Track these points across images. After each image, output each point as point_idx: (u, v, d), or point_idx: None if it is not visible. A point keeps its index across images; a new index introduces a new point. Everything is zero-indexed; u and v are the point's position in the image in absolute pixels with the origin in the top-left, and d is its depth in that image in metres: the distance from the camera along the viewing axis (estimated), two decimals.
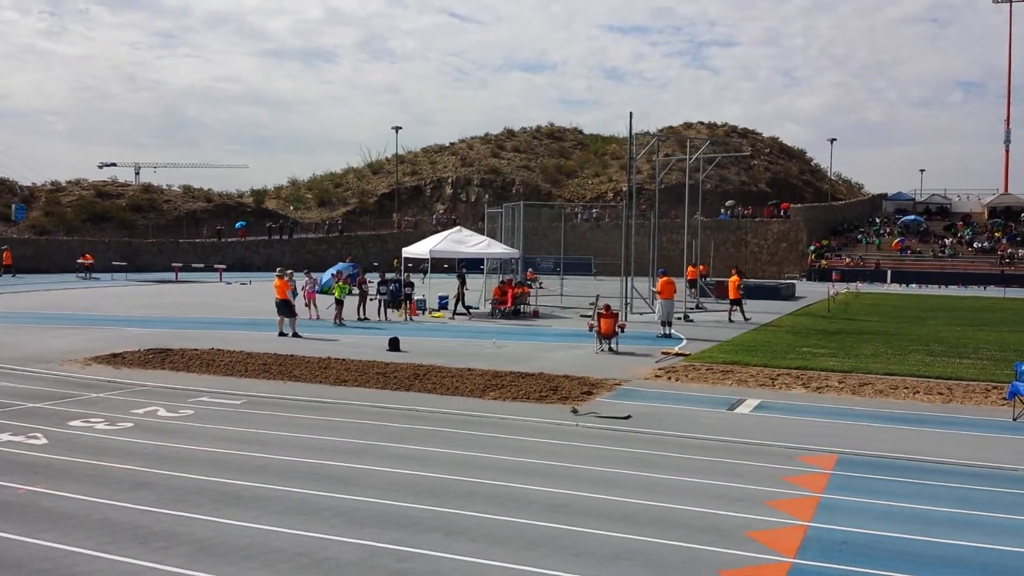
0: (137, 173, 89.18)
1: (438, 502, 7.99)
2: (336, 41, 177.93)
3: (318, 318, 25.48)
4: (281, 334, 21.12)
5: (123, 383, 14.30)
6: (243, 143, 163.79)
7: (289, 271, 24.37)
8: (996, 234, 64.16)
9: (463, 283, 28.84)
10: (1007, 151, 77.91)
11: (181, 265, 50.61)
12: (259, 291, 36.28)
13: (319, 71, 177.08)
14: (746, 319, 27.08)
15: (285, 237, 64.28)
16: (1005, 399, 12.88)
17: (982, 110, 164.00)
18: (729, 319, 27.26)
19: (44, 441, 10.16)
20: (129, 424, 11.22)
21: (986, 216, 69.13)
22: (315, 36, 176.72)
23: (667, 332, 22.95)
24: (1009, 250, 60.80)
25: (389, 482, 8.66)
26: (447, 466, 9.30)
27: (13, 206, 60.53)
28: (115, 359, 16.69)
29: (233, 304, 31.53)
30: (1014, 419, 12.15)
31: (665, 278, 23.76)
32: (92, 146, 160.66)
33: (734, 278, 28.42)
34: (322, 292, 27.59)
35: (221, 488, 8.35)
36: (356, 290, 27.14)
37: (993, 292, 48.86)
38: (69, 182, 71.32)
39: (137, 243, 58.98)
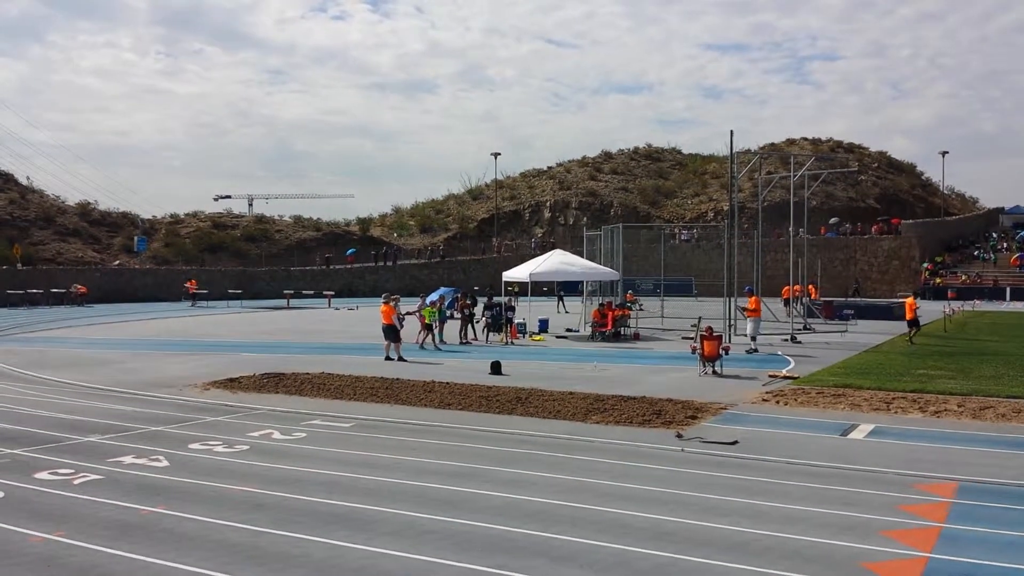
0: (250, 204, 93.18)
1: (542, 527, 8.02)
2: (436, 72, 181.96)
3: (425, 343, 25.94)
4: (387, 358, 21.61)
5: (239, 407, 14.92)
6: (349, 173, 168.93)
7: (396, 296, 25.00)
8: None
9: (472, 306, 27.96)
10: None
11: (292, 292, 52.47)
12: (366, 316, 37.25)
13: (420, 101, 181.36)
14: (912, 343, 26.08)
15: (389, 263, 65.85)
16: None
17: None
18: (910, 341, 26.32)
19: (165, 463, 10.68)
20: (245, 447, 11.68)
21: None
22: (416, 68, 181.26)
23: (753, 348, 23.86)
24: None
25: (493, 506, 8.75)
26: (550, 490, 9.33)
27: (135, 238, 64.07)
28: (231, 384, 17.42)
29: (341, 329, 32.46)
30: None
31: (752, 296, 24.88)
32: (208, 180, 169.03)
33: (910, 300, 28.10)
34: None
35: (332, 510, 8.60)
36: (451, 314, 27.61)
37: None
38: (187, 214, 75.10)
39: (251, 271, 61.47)
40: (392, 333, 22.11)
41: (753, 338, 24.44)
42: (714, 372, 18.83)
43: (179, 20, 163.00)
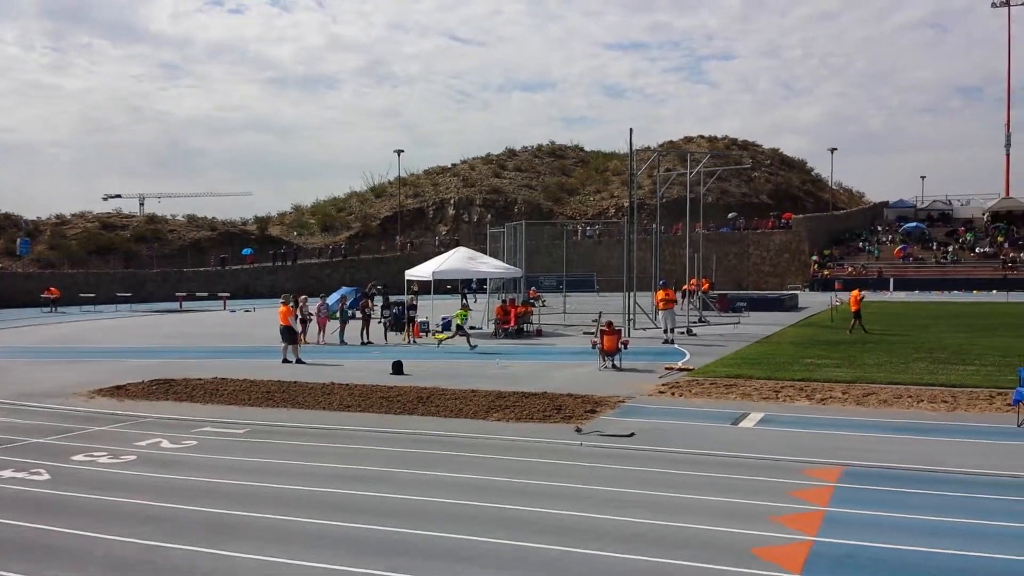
0: (142, 204, 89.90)
1: (441, 527, 7.97)
2: (338, 67, 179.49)
3: (324, 343, 25.56)
4: (285, 361, 21.15)
5: (126, 415, 14.32)
6: (246, 171, 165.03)
7: (303, 296, 24.57)
8: (998, 238, 64.09)
9: (368, 306, 27.82)
10: (1008, 155, 78.22)
11: (185, 294, 50.77)
12: (263, 318, 36.36)
13: (321, 97, 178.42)
14: (866, 331, 27.00)
15: (289, 263, 64.48)
16: (1010, 405, 12.85)
17: (982, 115, 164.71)
18: (849, 331, 27.18)
19: (47, 477, 10.15)
20: (132, 457, 11.21)
21: (988, 221, 69.11)
22: (317, 63, 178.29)
23: (669, 339, 24.39)
24: (1012, 254, 60.70)
25: (394, 508, 8.64)
26: (452, 490, 9.28)
27: (18, 240, 60.83)
28: (118, 391, 16.70)
29: (237, 332, 31.60)
30: (1019, 425, 12.11)
31: (663, 290, 25.39)
32: (97, 178, 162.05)
33: (856, 293, 29.06)
34: (330, 317, 27.64)
35: (225, 520, 8.34)
36: (353, 313, 27.25)
37: (996, 297, 48.76)
38: (74, 215, 71.78)
39: (141, 274, 59.20)
40: (289, 335, 21.64)
41: (670, 330, 25.06)
42: (614, 366, 19.13)
43: (67, 13, 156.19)
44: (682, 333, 26.88)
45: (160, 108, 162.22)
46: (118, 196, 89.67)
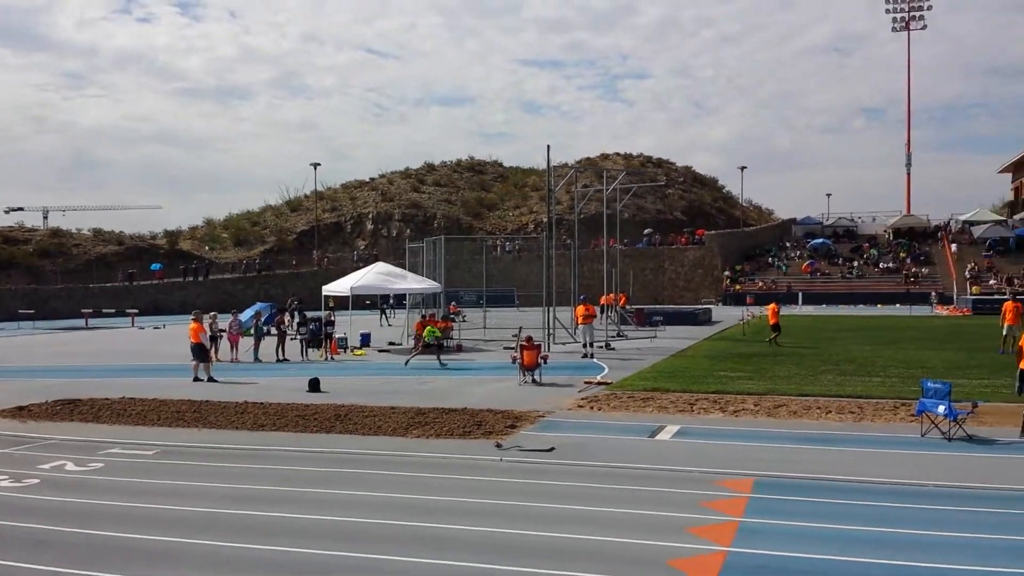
0: (45, 217, 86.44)
1: (361, 548, 7.85)
2: (251, 79, 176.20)
3: (238, 360, 24.96)
4: (196, 379, 20.55)
5: (29, 437, 13.67)
6: (156, 184, 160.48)
7: (213, 313, 23.91)
8: (901, 254, 66.95)
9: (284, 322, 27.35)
10: (908, 174, 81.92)
11: (91, 311, 48.85)
12: (173, 335, 35.27)
13: (234, 109, 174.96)
14: (777, 344, 27.80)
15: (200, 278, 62.77)
16: (914, 415, 13.36)
17: (884, 135, 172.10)
18: (768, 342, 28.04)
19: None
20: (35, 480, 10.71)
21: (890, 237, 72.15)
22: (229, 74, 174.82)
23: (588, 353, 24.73)
24: (913, 269, 63.49)
25: (310, 529, 8.48)
26: (370, 509, 9.16)
27: None
28: (20, 412, 15.94)
29: (146, 349, 30.58)
30: (922, 435, 12.61)
31: (583, 305, 25.87)
32: None
33: (773, 306, 29.71)
34: (243, 334, 27.00)
35: (131, 544, 8.03)
36: (268, 330, 26.71)
37: (899, 310, 50.91)
38: None
39: (45, 290, 56.72)
40: (201, 352, 21.06)
41: (589, 344, 25.49)
42: (534, 381, 19.21)
43: None
44: (601, 347, 27.20)
45: (64, 118, 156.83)
46: (20, 209, 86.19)
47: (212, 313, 23.88)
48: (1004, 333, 24.41)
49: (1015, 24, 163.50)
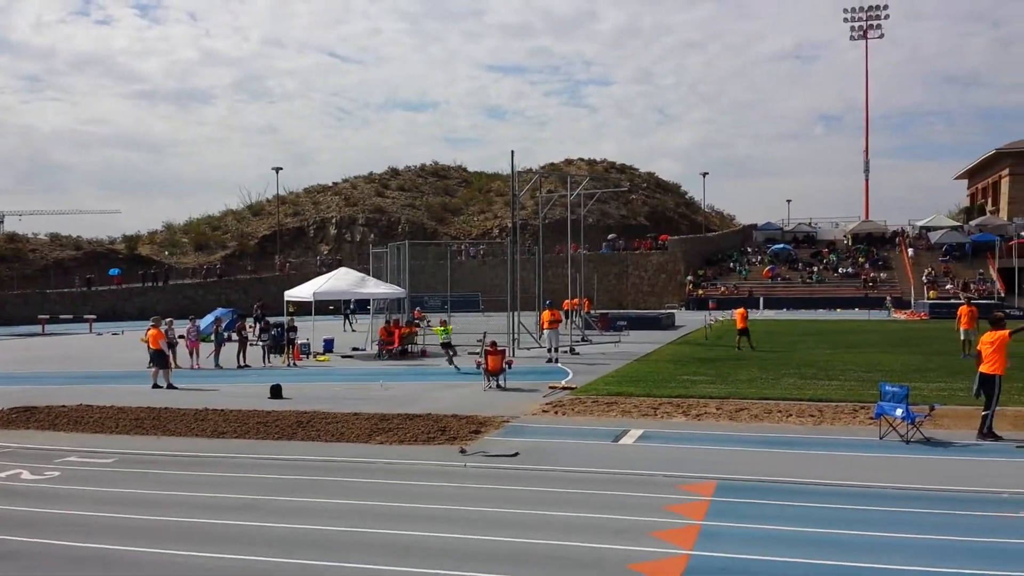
0: (1, 222, 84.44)
1: (323, 555, 7.78)
2: (211, 82, 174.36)
3: (199, 367, 24.63)
4: (155, 386, 20.25)
5: None
6: (115, 188, 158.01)
7: (169, 319, 23.55)
8: (859, 259, 68.02)
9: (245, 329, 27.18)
10: (866, 180, 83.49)
11: (48, 317, 47.90)
12: (132, 341, 34.69)
13: (194, 112, 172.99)
14: (752, 348, 27.96)
15: (160, 284, 61.87)
16: (872, 418, 13.55)
17: (843, 142, 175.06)
18: (737, 347, 28.24)
19: None
20: None
21: (849, 242, 73.28)
22: (189, 77, 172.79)
23: (553, 358, 24.99)
24: (872, 274, 64.54)
25: (272, 538, 8.38)
26: (331, 517, 9.08)
27: None
28: None
29: (104, 356, 30.07)
30: (881, 438, 12.80)
31: (548, 310, 26.23)
32: None
33: (741, 311, 30.15)
34: (202, 340, 26.65)
35: (88, 554, 7.89)
36: (229, 336, 26.40)
37: (857, 315, 51.70)
38: None
39: (1, 295, 55.56)
40: (160, 359, 20.75)
41: (554, 349, 25.75)
42: (498, 386, 19.20)
43: None
44: (566, 352, 27.29)
45: (21, 121, 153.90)
46: None
47: (168, 319, 23.50)
48: (962, 338, 24.85)
49: (970, 33, 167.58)
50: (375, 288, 30.64)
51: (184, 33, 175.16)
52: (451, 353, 23.94)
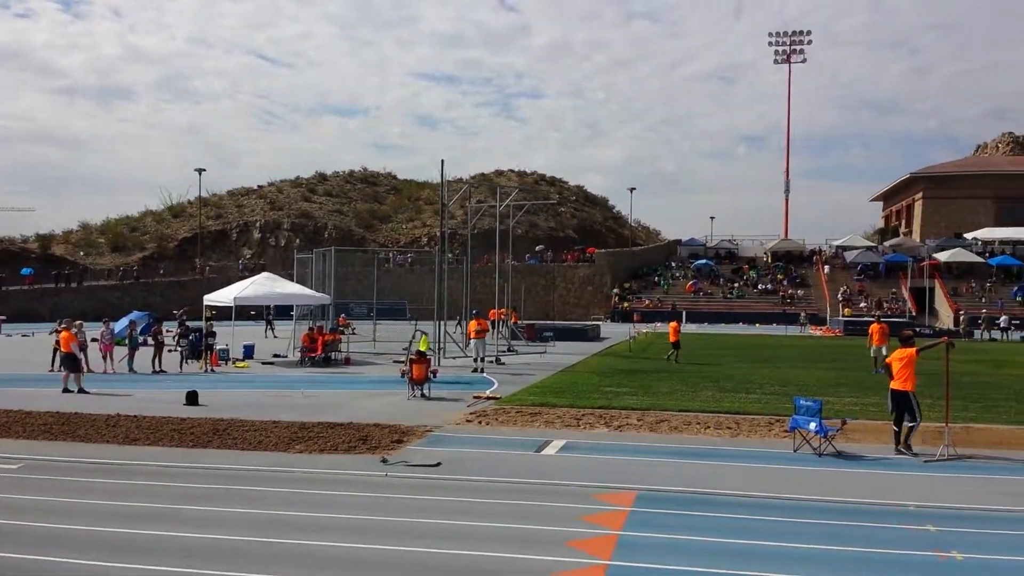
0: None
1: (236, 567, 7.59)
2: (134, 79, 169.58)
3: (113, 371, 23.83)
4: (66, 390, 19.51)
5: None
6: (28, 184, 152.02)
7: (79, 322, 22.73)
8: (778, 276, 69.92)
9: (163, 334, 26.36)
10: (787, 200, 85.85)
11: None
12: (43, 343, 33.36)
13: (116, 109, 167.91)
14: (677, 362, 28.17)
15: (74, 284, 59.70)
16: (787, 431, 13.90)
17: (765, 162, 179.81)
18: (667, 359, 28.55)
19: None
20: None
21: (769, 259, 75.27)
22: (112, 74, 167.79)
23: (479, 368, 25.04)
24: (789, 291, 66.39)
25: (180, 547, 8.13)
26: (245, 527, 8.86)
27: None
28: None
29: (13, 358, 28.81)
30: (795, 450, 13.14)
31: (476, 320, 26.53)
32: None
33: (674, 324, 30.26)
34: (117, 344, 25.77)
35: None
36: (145, 340, 25.64)
37: (775, 330, 53.08)
38: None
39: None
40: (72, 362, 20.01)
41: (480, 358, 25.81)
42: (423, 395, 19.08)
43: None
44: (492, 362, 27.28)
45: None
46: None
47: (78, 322, 22.67)
48: (872, 354, 25.72)
49: (887, 60, 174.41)
50: (299, 294, 30.13)
51: (108, 29, 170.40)
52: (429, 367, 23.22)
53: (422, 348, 22.81)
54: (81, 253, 73.01)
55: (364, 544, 8.29)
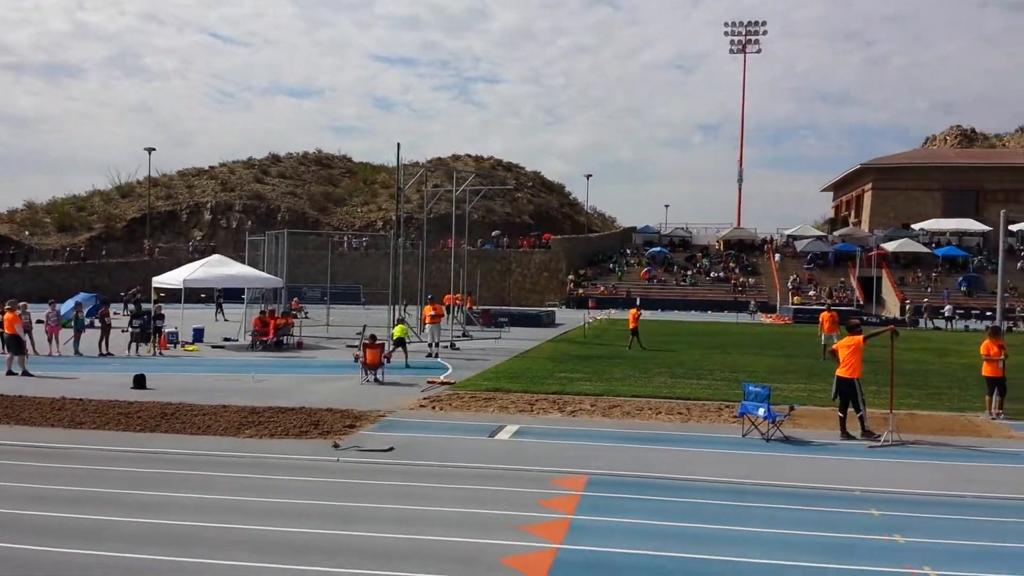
0: None
1: (183, 552, 7.48)
2: (83, 56, 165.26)
3: (59, 354, 23.30)
4: (10, 372, 19.04)
5: None
6: None
7: (23, 303, 22.15)
8: (730, 264, 70.82)
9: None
10: (740, 189, 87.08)
11: None
12: None
13: (63, 87, 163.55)
14: (642, 347, 28.39)
15: (18, 265, 58.21)
16: (736, 417, 14.12)
17: (719, 151, 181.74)
18: (628, 348, 28.57)
19: None
20: None
21: (721, 248, 76.18)
22: (60, 50, 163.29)
23: (433, 353, 25.01)
24: (741, 279, 67.31)
25: (124, 533, 7.99)
26: (193, 512, 8.74)
27: None
28: None
29: None
30: (743, 435, 13.35)
31: (430, 305, 26.51)
32: None
33: (634, 311, 30.33)
34: (63, 326, 25.19)
35: None
36: (91, 322, 25.08)
37: (727, 317, 53.82)
38: None
39: None
40: (16, 344, 19.53)
41: (435, 344, 25.75)
42: (376, 380, 18.98)
43: None
44: (446, 347, 27.24)
45: None
46: None
47: (23, 303, 22.11)
48: (823, 342, 26.13)
49: (840, 52, 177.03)
50: (250, 276, 29.73)
51: (56, 4, 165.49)
52: (406, 352, 22.65)
53: (399, 335, 22.65)
54: (26, 233, 71.09)
55: (315, 529, 8.23)
